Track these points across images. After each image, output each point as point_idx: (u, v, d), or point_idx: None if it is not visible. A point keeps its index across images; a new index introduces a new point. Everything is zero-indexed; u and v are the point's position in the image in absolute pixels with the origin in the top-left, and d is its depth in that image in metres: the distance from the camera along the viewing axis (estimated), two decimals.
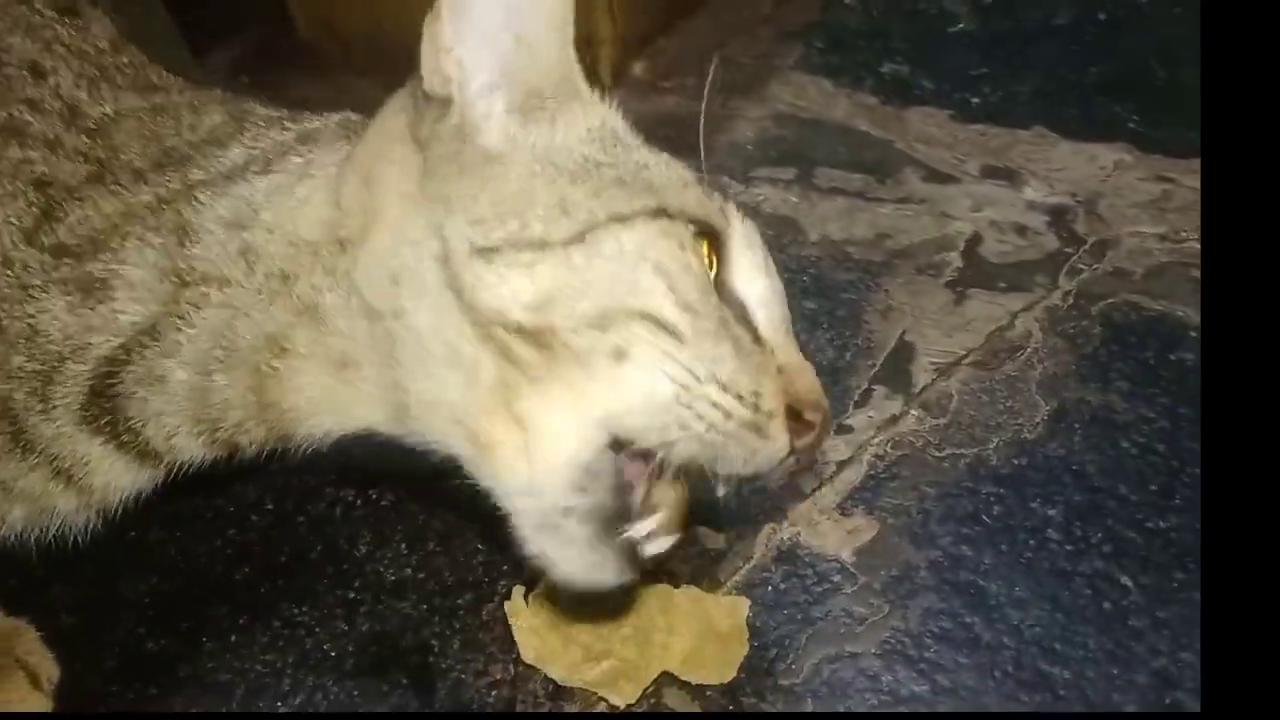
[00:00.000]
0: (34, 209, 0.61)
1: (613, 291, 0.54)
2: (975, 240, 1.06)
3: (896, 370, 0.94)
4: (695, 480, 0.60)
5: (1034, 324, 0.97)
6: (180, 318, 0.60)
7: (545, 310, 0.54)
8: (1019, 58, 1.29)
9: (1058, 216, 1.08)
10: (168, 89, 0.69)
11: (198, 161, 0.62)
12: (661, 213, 0.57)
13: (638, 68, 1.36)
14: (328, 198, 0.61)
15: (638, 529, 0.59)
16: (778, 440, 0.58)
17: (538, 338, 0.54)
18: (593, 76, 0.64)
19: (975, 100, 1.24)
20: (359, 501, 0.87)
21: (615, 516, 0.58)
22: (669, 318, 0.55)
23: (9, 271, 0.60)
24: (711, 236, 0.60)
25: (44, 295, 0.60)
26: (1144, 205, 1.07)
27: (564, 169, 0.58)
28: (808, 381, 0.61)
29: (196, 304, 0.60)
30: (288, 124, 0.66)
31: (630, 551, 0.60)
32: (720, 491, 0.60)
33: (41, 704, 0.73)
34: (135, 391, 0.62)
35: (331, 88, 1.27)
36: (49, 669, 0.75)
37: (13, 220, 0.60)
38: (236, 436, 0.64)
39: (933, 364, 0.94)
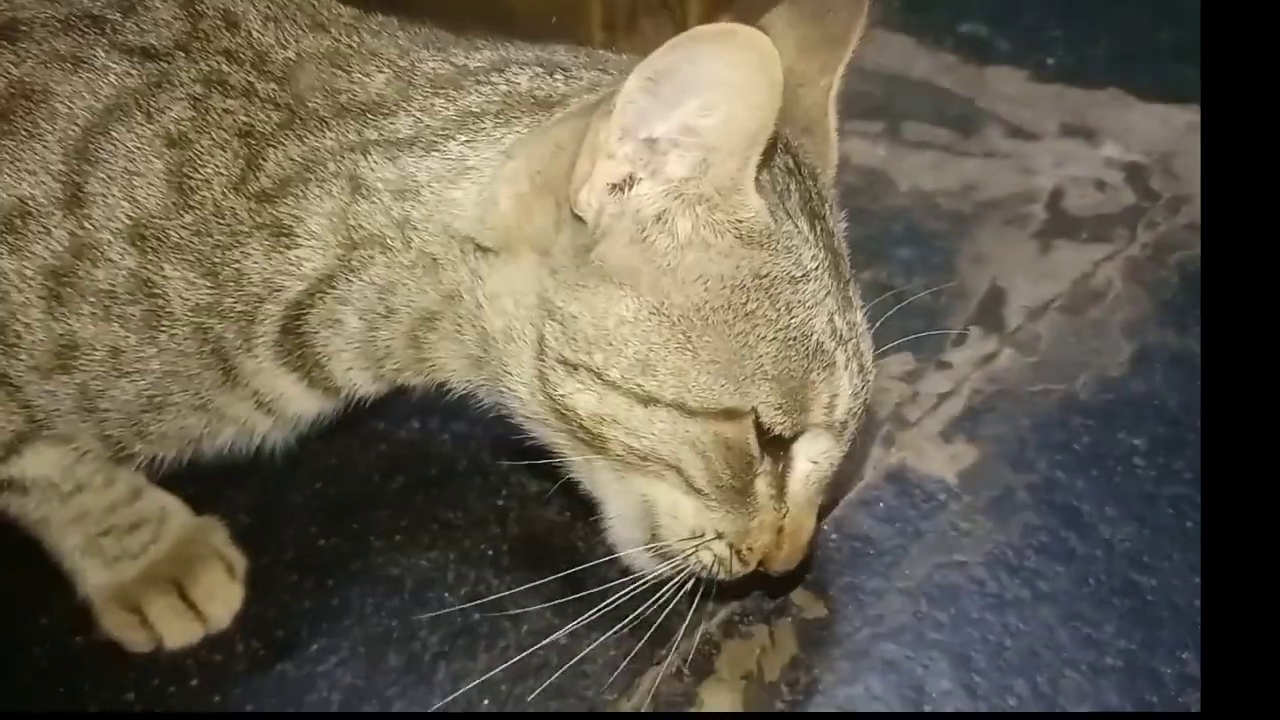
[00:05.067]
0: (240, 159, 0.64)
1: (658, 448, 0.63)
2: (1058, 194, 1.13)
3: (990, 313, 1.02)
4: None
5: (1115, 272, 1.05)
6: (351, 273, 0.66)
7: (603, 426, 0.63)
8: (1093, 21, 1.35)
9: (1134, 173, 1.15)
10: (338, 28, 0.69)
11: (370, 121, 0.65)
12: (732, 414, 0.62)
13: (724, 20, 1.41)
14: (482, 197, 0.63)
15: None
16: (745, 569, 0.70)
17: (595, 436, 0.64)
18: (681, 27, 0.65)
19: (1050, 61, 1.31)
20: (497, 420, 0.95)
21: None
22: (699, 484, 0.65)
23: (220, 220, 0.64)
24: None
25: (248, 240, 0.65)
26: None
27: (667, 318, 0.61)
28: (793, 550, 0.69)
29: (364, 264, 0.65)
30: (453, 93, 0.66)
31: None
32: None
33: (237, 591, 0.82)
34: (318, 331, 0.68)
35: None
36: (239, 560, 0.84)
37: (222, 170, 0.64)
38: (400, 378, 0.71)
39: (1023, 307, 1.02)
